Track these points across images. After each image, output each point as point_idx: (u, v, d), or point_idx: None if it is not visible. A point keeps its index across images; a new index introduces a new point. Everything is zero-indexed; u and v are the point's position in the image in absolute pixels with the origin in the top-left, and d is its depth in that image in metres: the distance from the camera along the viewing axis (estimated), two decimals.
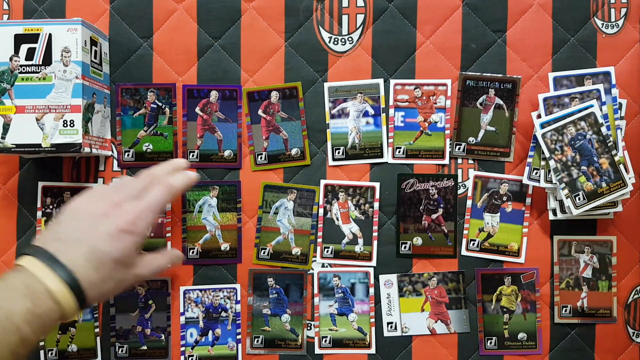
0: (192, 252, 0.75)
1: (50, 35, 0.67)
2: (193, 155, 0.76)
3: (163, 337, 0.76)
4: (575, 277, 0.75)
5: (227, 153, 0.76)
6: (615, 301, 0.75)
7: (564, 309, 0.74)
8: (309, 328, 0.76)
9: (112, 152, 0.76)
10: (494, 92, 0.75)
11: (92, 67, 0.70)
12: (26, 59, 0.67)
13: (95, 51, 0.71)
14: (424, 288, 0.75)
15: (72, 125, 0.66)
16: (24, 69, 0.67)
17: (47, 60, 0.67)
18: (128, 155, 0.75)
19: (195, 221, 0.76)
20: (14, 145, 0.66)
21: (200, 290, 0.76)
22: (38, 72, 0.67)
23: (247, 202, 0.76)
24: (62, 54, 0.67)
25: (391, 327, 0.75)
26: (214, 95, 0.75)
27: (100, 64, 0.72)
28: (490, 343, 0.74)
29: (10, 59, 0.67)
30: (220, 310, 0.76)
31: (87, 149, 0.68)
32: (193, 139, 0.76)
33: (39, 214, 0.76)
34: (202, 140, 0.76)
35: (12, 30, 0.67)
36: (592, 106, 0.69)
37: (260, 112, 0.76)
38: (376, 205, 0.75)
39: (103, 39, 0.73)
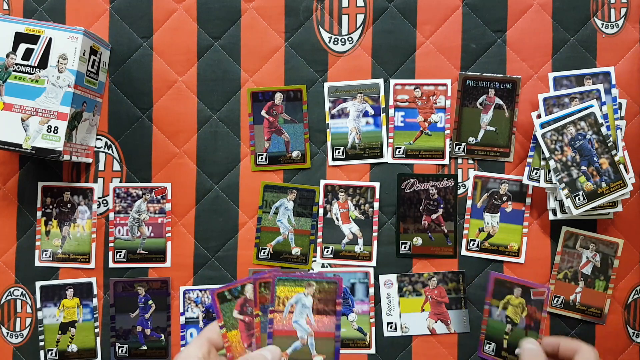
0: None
1: (50, 39, 0.67)
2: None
3: (163, 337, 0.76)
4: (574, 271, 0.75)
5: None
6: (608, 303, 0.74)
7: (556, 299, 0.74)
8: None
9: (94, 159, 0.76)
10: (494, 92, 0.75)
11: (87, 77, 0.70)
12: (22, 59, 0.67)
13: (94, 60, 0.71)
14: (424, 288, 0.75)
15: (55, 132, 0.66)
16: (18, 68, 0.67)
17: (43, 63, 0.67)
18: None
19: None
20: None
21: (200, 290, 0.76)
22: (32, 74, 0.67)
23: (247, 202, 0.76)
24: (58, 60, 0.67)
25: (391, 327, 0.75)
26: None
27: (97, 72, 0.72)
28: (489, 348, 0.74)
29: (7, 55, 0.67)
30: None
31: (66, 157, 0.68)
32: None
33: (39, 214, 0.76)
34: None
35: (14, 27, 0.67)
36: (592, 106, 0.69)
37: (263, 112, 0.76)
38: (376, 205, 0.75)
39: (105, 48, 0.73)
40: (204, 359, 0.54)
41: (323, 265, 0.75)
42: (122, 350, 0.75)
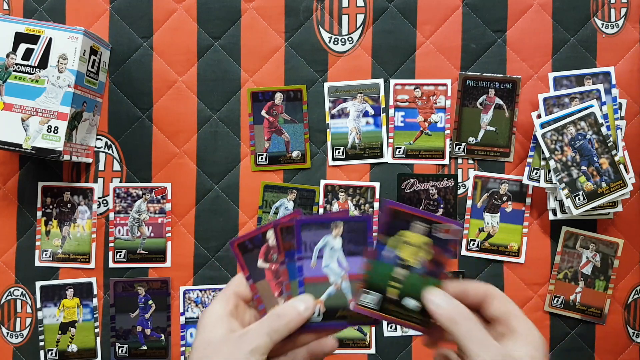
0: None
1: (50, 39, 0.67)
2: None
3: (163, 337, 0.76)
4: (574, 271, 0.75)
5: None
6: (608, 303, 0.74)
7: (556, 299, 0.74)
8: None
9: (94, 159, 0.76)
10: (494, 92, 0.75)
11: (87, 77, 0.70)
12: (23, 59, 0.67)
13: (94, 60, 0.71)
14: None
15: (55, 132, 0.66)
16: (18, 68, 0.67)
17: (43, 63, 0.67)
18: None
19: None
20: None
21: (200, 290, 0.76)
22: (32, 74, 0.67)
23: (247, 202, 0.76)
24: (58, 60, 0.67)
25: (391, 327, 0.75)
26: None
27: (97, 72, 0.72)
28: (369, 299, 0.49)
29: (7, 55, 0.67)
30: None
31: (66, 157, 0.68)
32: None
33: (39, 214, 0.76)
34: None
35: (14, 27, 0.67)
36: (592, 106, 0.69)
37: (263, 112, 0.76)
38: (376, 205, 0.75)
39: (105, 48, 0.73)
40: (231, 315, 0.47)
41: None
42: (122, 350, 0.75)
